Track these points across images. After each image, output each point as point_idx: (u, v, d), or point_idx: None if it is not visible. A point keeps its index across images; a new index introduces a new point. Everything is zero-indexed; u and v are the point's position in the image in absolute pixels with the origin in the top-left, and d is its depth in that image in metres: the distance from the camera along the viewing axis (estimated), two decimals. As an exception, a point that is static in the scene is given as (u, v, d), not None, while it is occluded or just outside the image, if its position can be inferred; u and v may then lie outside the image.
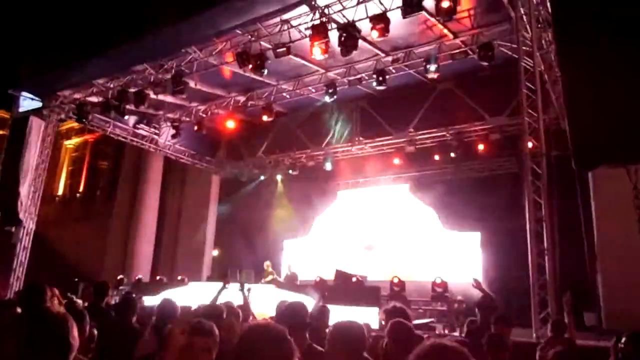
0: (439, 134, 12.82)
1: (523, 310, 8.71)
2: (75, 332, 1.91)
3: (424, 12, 8.80)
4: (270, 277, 13.65)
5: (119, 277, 14.65)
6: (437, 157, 13.10)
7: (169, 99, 13.07)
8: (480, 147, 12.42)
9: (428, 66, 10.29)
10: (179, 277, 14.19)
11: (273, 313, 5.90)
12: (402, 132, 13.25)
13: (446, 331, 9.63)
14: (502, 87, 10.62)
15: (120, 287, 13.83)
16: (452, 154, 12.80)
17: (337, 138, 14.25)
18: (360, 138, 14.10)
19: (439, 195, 13.96)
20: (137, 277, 15.39)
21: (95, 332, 3.93)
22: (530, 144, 9.18)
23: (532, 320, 8.02)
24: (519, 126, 9.88)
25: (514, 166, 11.99)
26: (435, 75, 10.50)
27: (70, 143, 24.09)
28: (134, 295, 5.92)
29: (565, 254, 9.47)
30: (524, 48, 8.78)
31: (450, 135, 12.70)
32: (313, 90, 12.47)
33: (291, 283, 12.22)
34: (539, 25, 8.45)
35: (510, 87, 10.26)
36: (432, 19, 9.39)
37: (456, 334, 8.80)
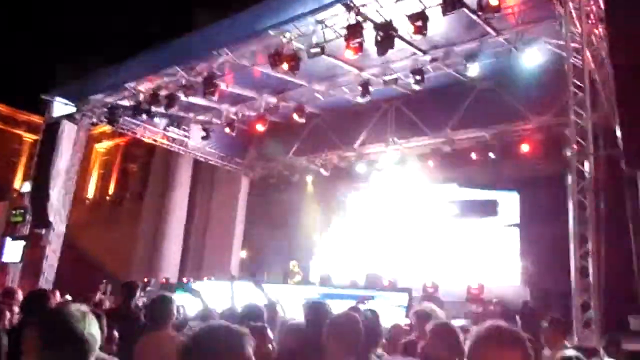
0: (478, 134, 12.61)
1: (565, 313, 8.53)
2: (95, 328, 1.90)
3: (464, 9, 8.62)
4: (298, 278, 13.69)
5: (145, 279, 14.82)
6: (474, 156, 12.85)
7: (199, 101, 13.17)
8: (524, 147, 12.13)
9: (468, 65, 10.07)
10: (205, 278, 14.29)
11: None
12: (439, 132, 13.08)
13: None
14: (547, 86, 10.36)
15: (148, 289, 14.00)
16: (492, 155, 12.53)
17: None
18: (395, 139, 13.96)
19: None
20: (164, 278, 15.59)
21: (116, 333, 3.92)
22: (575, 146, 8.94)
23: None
24: (565, 126, 9.64)
25: (558, 167, 11.67)
26: (475, 74, 10.28)
27: (102, 146, 24.57)
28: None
29: (611, 256, 9.22)
30: (572, 44, 8.51)
31: (490, 136, 12.47)
32: (346, 91, 12.38)
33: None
34: (589, 21, 8.18)
35: (556, 86, 10.00)
36: (474, 16, 9.17)
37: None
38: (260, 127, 13.69)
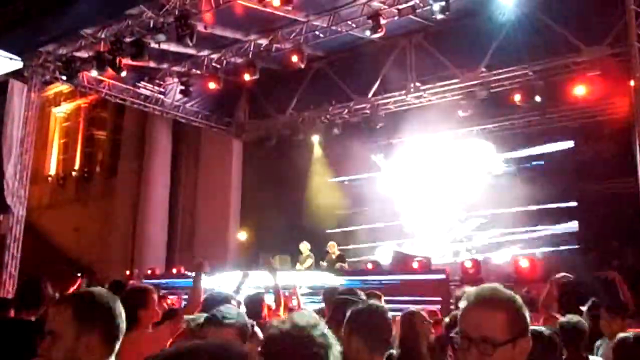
0: (519, 72, 12.50)
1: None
2: (123, 313, 2.21)
3: None
4: (309, 262, 13.92)
5: (127, 273, 15.15)
6: (518, 97, 12.78)
7: (173, 48, 13.22)
8: (576, 89, 12.02)
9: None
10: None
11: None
12: (471, 72, 13.01)
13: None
14: (602, 8, 10.21)
15: (131, 282, 14.35)
16: (538, 98, 12.45)
17: None
18: (417, 84, 13.92)
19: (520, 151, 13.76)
20: (149, 270, 15.93)
21: None
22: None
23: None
24: (626, 57, 9.55)
25: (620, 110, 11.59)
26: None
27: (60, 111, 24.79)
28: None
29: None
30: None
31: (533, 74, 12.36)
32: (353, 26, 12.32)
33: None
34: None
35: (612, 6, 9.88)
36: None
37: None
38: (249, 77, 13.72)
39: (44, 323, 2.20)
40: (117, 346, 2.17)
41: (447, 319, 5.11)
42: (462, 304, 1.90)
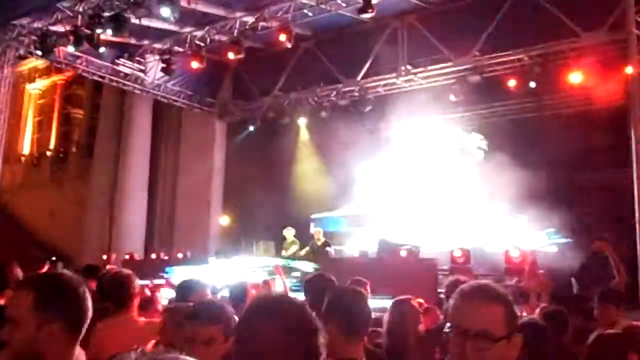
0: (514, 57, 12.54)
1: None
2: (89, 299, 2.11)
3: None
4: (294, 248, 13.95)
5: (104, 257, 15.09)
6: (512, 83, 12.79)
7: (155, 23, 13.05)
8: (572, 75, 12.05)
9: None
10: (180, 255, 14.53)
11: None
12: (464, 56, 12.99)
13: (524, 313, 9.65)
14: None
15: (108, 267, 14.26)
16: (533, 84, 12.47)
17: None
18: (408, 67, 13.90)
19: (513, 138, 13.76)
20: (127, 254, 15.86)
21: None
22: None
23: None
24: (624, 44, 9.61)
25: (617, 98, 11.64)
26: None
27: (35, 87, 24.52)
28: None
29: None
30: None
31: (529, 59, 12.38)
32: (344, 5, 12.24)
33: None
34: None
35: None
36: None
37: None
38: (234, 56, 13.63)
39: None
40: (82, 334, 2.09)
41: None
42: (457, 297, 1.88)
